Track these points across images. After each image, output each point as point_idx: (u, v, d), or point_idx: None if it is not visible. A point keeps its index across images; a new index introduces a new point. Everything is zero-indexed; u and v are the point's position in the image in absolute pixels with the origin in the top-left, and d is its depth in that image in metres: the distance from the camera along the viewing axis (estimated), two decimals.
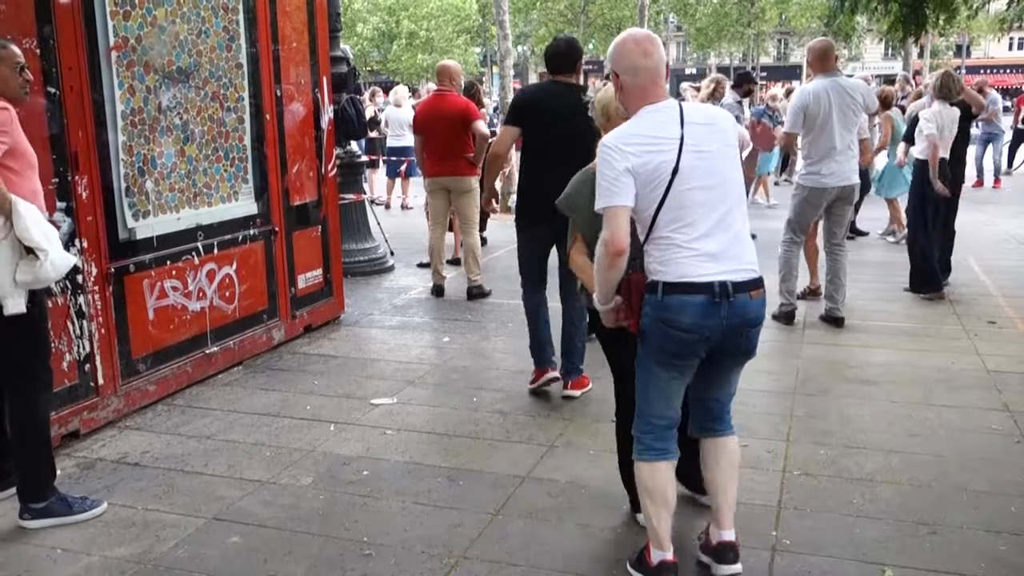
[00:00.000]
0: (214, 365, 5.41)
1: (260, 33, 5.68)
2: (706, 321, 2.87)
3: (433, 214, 7.78)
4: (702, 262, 2.87)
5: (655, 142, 2.88)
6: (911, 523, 3.53)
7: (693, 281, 2.86)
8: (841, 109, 6.18)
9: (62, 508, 3.63)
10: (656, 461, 3.04)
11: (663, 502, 3.03)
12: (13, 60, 3.52)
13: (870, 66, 47.47)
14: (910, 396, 4.99)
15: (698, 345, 2.93)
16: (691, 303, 2.86)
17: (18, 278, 3.43)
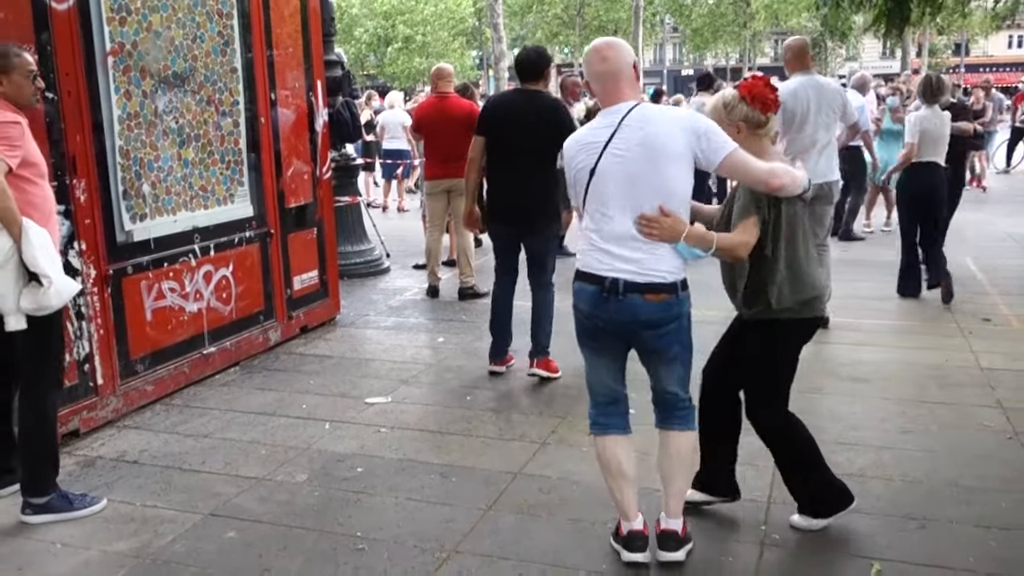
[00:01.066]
0: (211, 365, 5.46)
1: (254, 38, 5.74)
2: (596, 311, 3.11)
3: (431, 216, 7.83)
4: (601, 257, 3.09)
5: (587, 146, 3.14)
6: (900, 518, 3.58)
7: (589, 272, 3.12)
8: (819, 107, 6.15)
9: (63, 504, 3.68)
10: (603, 435, 3.27)
11: (618, 473, 3.23)
12: (26, 68, 3.59)
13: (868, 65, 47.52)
14: (903, 393, 5.03)
15: (596, 332, 3.18)
16: (586, 291, 3.13)
17: (21, 304, 3.49)
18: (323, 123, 6.59)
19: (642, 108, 3.11)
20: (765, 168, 3.08)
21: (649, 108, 3.15)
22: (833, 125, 6.32)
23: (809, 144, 6.17)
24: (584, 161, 3.12)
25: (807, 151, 6.17)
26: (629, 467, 3.24)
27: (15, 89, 3.55)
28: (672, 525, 3.25)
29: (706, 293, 4.42)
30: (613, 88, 3.14)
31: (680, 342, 3.19)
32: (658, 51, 58.22)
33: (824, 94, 6.20)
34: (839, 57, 48.14)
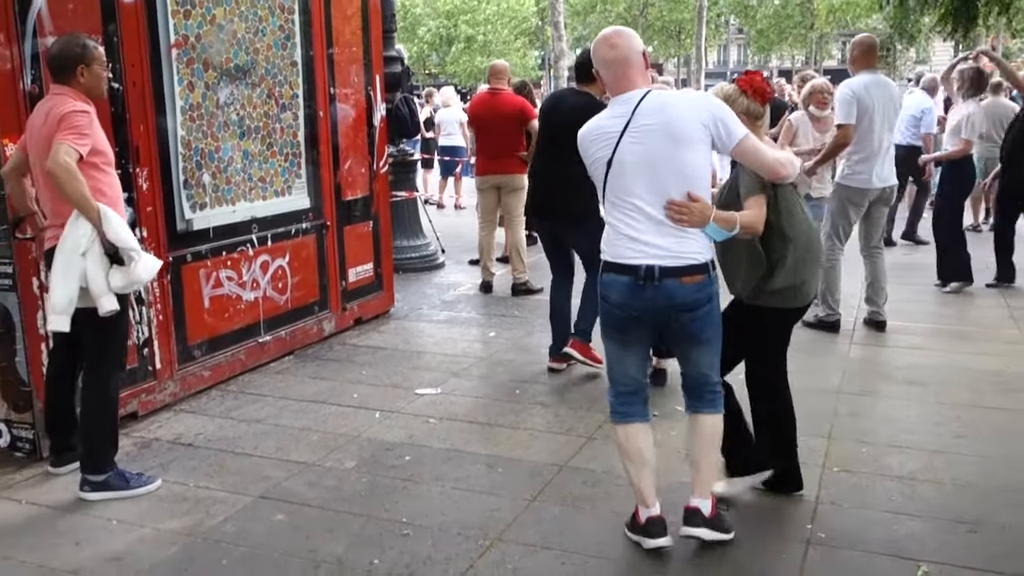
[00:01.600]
0: (266, 353, 5.58)
1: (315, 32, 5.84)
2: (631, 300, 3.12)
3: (482, 212, 7.90)
4: (632, 245, 3.11)
5: (601, 136, 3.16)
6: (950, 521, 3.51)
7: (621, 262, 3.13)
8: (885, 107, 6.05)
9: (119, 483, 3.80)
10: (625, 424, 3.30)
11: (640, 461, 3.28)
12: (103, 59, 3.74)
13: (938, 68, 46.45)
14: (959, 398, 4.93)
15: (629, 322, 3.19)
16: (619, 283, 3.13)
17: (112, 284, 3.63)
18: (381, 118, 6.67)
19: (657, 95, 3.15)
20: (773, 156, 3.23)
21: (665, 94, 3.20)
22: (894, 128, 6.25)
23: (878, 147, 6.05)
24: (600, 152, 3.16)
25: (876, 154, 6.05)
26: (650, 454, 3.31)
27: (95, 80, 3.68)
28: (697, 503, 3.29)
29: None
30: (623, 75, 3.17)
31: (713, 324, 3.24)
32: (722, 52, 57.60)
33: (892, 95, 6.13)
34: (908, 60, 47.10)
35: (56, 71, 3.67)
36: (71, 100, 3.59)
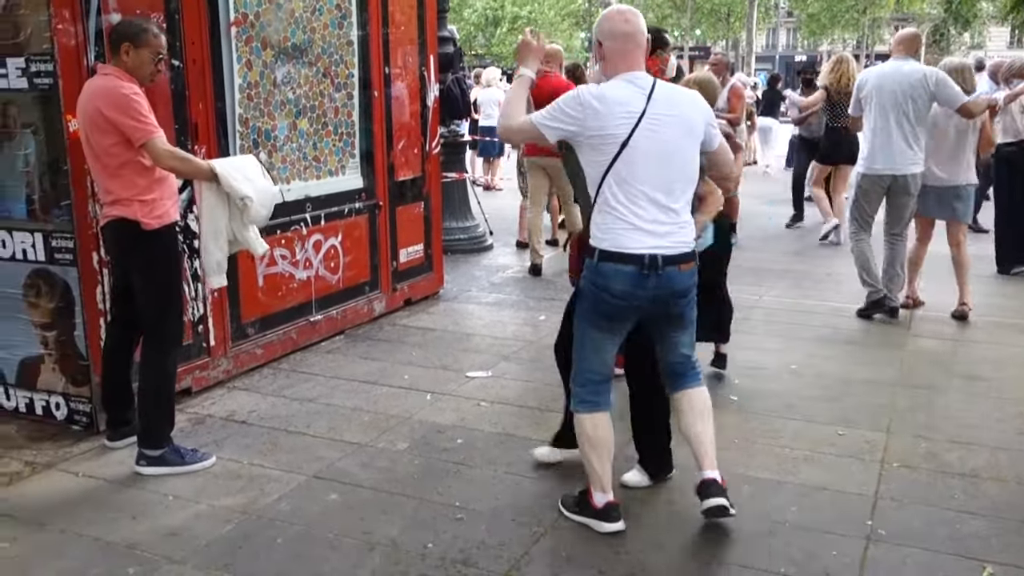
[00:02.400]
0: (318, 332, 5.60)
1: (371, 12, 5.82)
2: (636, 290, 3.12)
3: (531, 193, 7.83)
4: (636, 235, 3.09)
5: (615, 112, 3.08)
6: (1016, 521, 3.42)
7: (625, 252, 3.09)
8: (894, 95, 5.95)
9: (175, 458, 3.84)
10: (593, 413, 3.30)
11: (605, 449, 3.32)
12: (157, 49, 3.73)
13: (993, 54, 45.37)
14: (1021, 393, 4.81)
15: (628, 311, 3.20)
16: (623, 272, 3.10)
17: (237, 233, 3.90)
18: (434, 98, 6.65)
19: (666, 85, 3.23)
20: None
21: (672, 86, 3.29)
22: (918, 115, 5.95)
23: (882, 134, 6.04)
24: (617, 129, 3.08)
25: (881, 142, 6.05)
26: (612, 443, 3.38)
27: (137, 63, 3.67)
28: (712, 475, 3.34)
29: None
30: (635, 51, 3.20)
31: (695, 306, 3.35)
32: (770, 36, 56.76)
33: (909, 82, 5.93)
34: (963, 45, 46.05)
35: (110, 48, 3.72)
36: (114, 79, 3.61)
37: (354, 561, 3.15)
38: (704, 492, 3.31)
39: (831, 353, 5.54)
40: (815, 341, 5.83)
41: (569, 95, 3.17)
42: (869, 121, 6.15)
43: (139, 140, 3.57)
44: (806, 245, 9.14)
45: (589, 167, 3.17)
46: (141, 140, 3.57)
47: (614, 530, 3.31)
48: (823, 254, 8.59)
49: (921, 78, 5.94)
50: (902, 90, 5.96)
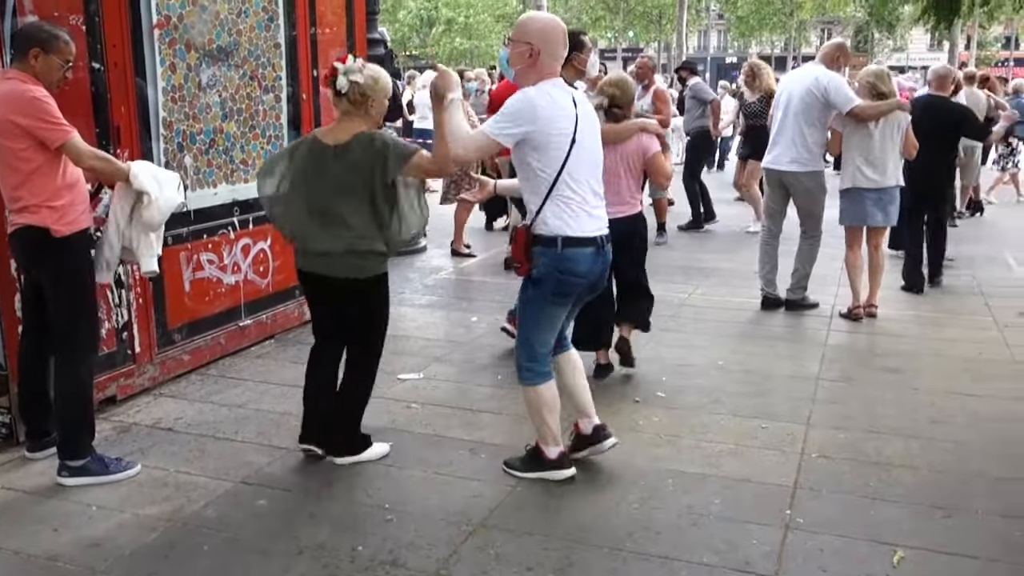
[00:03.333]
0: (247, 337, 5.55)
1: (298, 14, 5.78)
2: (593, 267, 3.54)
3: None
4: (591, 220, 3.52)
5: (561, 113, 3.43)
6: (927, 507, 3.57)
7: (586, 236, 3.49)
8: (790, 96, 6.38)
9: (98, 468, 3.78)
10: (548, 381, 3.69)
11: (557, 407, 3.74)
12: (65, 56, 3.66)
13: (915, 57, 46.74)
14: (934, 385, 5.00)
15: (583, 287, 3.59)
16: (584, 254, 3.50)
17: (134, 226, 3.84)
18: None
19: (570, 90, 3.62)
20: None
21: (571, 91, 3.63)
22: (813, 120, 6.26)
23: (776, 132, 6.53)
24: (564, 128, 3.42)
25: (775, 139, 6.55)
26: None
27: (46, 68, 3.60)
28: (599, 420, 3.91)
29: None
30: (561, 61, 3.55)
31: None
32: (702, 38, 57.62)
33: (806, 86, 6.30)
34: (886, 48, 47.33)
35: (16, 51, 3.65)
36: (21, 84, 3.53)
37: (282, 566, 3.14)
38: (599, 435, 3.87)
39: (757, 349, 5.68)
40: (742, 338, 5.97)
41: (517, 99, 3.41)
42: (775, 121, 6.59)
43: (56, 142, 3.51)
44: (735, 244, 9.33)
45: (540, 164, 3.43)
46: (58, 141, 3.51)
47: (570, 475, 3.74)
48: (751, 253, 8.77)
49: (813, 82, 6.24)
50: (798, 94, 6.32)
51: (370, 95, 3.66)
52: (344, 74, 3.60)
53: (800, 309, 6.57)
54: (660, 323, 5.22)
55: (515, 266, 3.61)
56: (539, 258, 3.49)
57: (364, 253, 3.70)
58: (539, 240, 3.48)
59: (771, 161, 6.56)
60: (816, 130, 6.30)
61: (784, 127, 6.40)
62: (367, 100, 3.67)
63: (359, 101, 3.65)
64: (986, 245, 9.11)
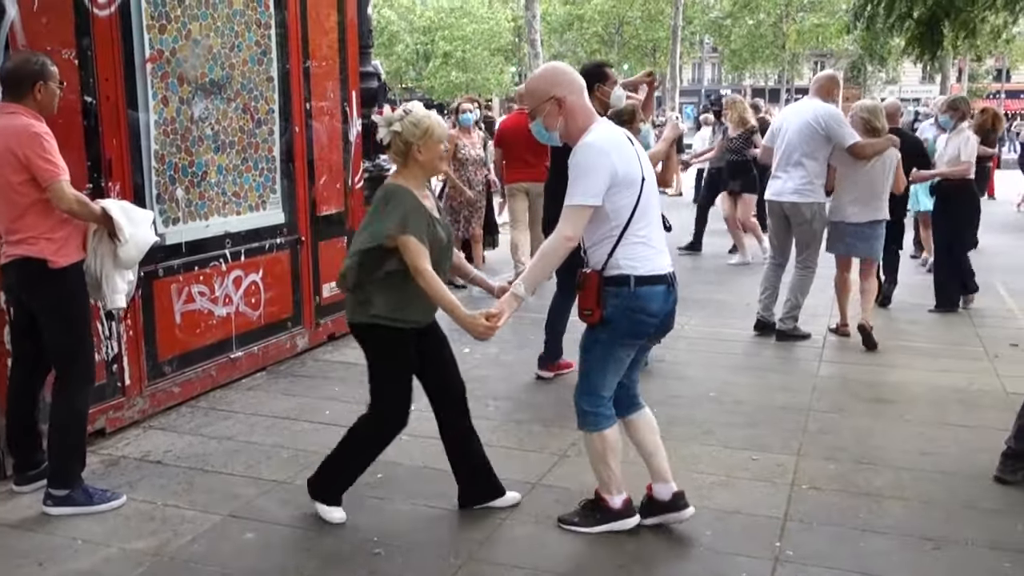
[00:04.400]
0: (238, 369, 5.55)
1: (291, 48, 5.84)
2: (664, 306, 3.41)
3: (514, 213, 8.48)
4: (660, 257, 3.42)
5: (628, 152, 3.34)
6: (916, 538, 3.56)
7: (657, 273, 3.38)
8: (789, 130, 6.52)
9: (83, 498, 3.77)
10: (613, 426, 3.53)
11: (619, 453, 3.56)
12: (59, 79, 3.73)
13: (907, 89, 47.15)
14: (925, 415, 5.00)
15: (653, 328, 3.44)
16: (656, 292, 3.38)
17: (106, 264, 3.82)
18: (357, 133, 6.68)
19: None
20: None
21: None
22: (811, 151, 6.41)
23: (777, 164, 6.66)
24: (634, 171, 3.32)
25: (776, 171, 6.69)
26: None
27: (49, 96, 3.67)
28: (677, 487, 3.62)
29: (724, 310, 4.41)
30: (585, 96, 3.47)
31: None
32: (696, 70, 58.13)
33: (804, 119, 6.45)
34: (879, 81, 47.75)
35: (12, 87, 3.67)
36: (25, 119, 3.59)
37: None
38: (677, 504, 3.59)
39: (749, 380, 5.69)
40: (734, 369, 5.97)
41: (587, 152, 3.26)
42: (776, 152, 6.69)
43: (45, 180, 3.56)
44: (728, 275, 9.36)
45: (614, 207, 3.27)
46: (47, 181, 3.56)
47: (636, 523, 3.59)
48: (743, 284, 8.80)
49: (812, 116, 6.39)
50: (796, 127, 6.47)
51: (413, 142, 3.47)
52: (384, 126, 3.50)
53: (791, 340, 6.60)
54: (653, 354, 5.22)
55: (586, 313, 3.40)
56: (609, 300, 3.34)
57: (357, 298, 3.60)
58: (610, 281, 3.34)
59: (773, 193, 6.68)
60: (816, 163, 6.43)
61: (785, 160, 6.54)
62: (411, 148, 3.47)
63: (402, 151, 3.49)
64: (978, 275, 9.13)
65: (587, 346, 3.48)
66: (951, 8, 11.67)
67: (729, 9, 39.60)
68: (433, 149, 3.52)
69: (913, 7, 11.85)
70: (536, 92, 3.41)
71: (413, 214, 3.43)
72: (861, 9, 12.66)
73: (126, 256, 3.82)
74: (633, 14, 38.58)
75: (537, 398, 5.31)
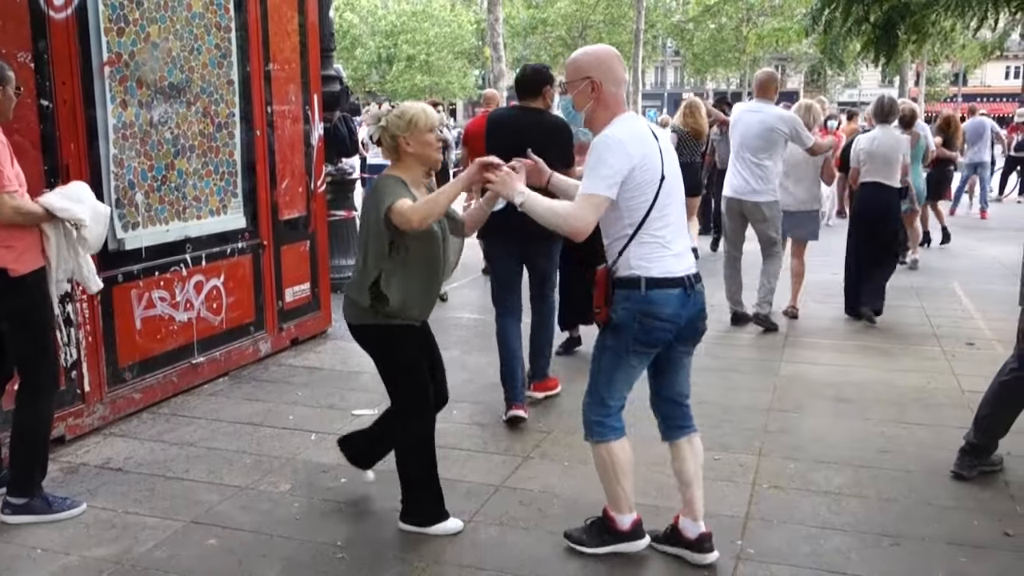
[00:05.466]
0: (200, 375, 5.50)
1: (252, 51, 5.81)
2: (680, 311, 3.21)
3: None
4: (676, 260, 3.22)
5: (649, 148, 3.18)
6: (875, 535, 3.61)
7: (672, 276, 3.20)
8: (757, 133, 6.71)
9: (42, 506, 3.72)
10: (622, 438, 3.36)
11: (631, 470, 3.40)
12: (15, 84, 3.66)
13: (867, 93, 47.82)
14: (884, 414, 5.07)
15: (669, 335, 3.24)
16: (671, 296, 3.19)
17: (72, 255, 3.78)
18: (318, 137, 6.66)
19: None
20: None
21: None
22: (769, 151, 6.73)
23: (731, 162, 6.97)
24: (654, 163, 3.17)
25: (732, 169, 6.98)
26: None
27: (6, 102, 3.60)
28: (707, 527, 3.42)
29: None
30: (623, 91, 3.32)
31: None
32: (659, 74, 58.55)
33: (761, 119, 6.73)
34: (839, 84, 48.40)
35: None
36: None
37: None
38: (702, 545, 3.39)
39: (711, 380, 5.72)
40: (696, 370, 5.90)
41: (604, 144, 3.14)
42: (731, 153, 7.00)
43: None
44: None
45: (629, 203, 3.15)
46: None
47: (646, 545, 3.45)
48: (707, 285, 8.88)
49: (776, 120, 6.72)
50: (756, 130, 6.71)
51: (399, 134, 3.45)
52: (372, 123, 3.49)
53: (767, 324, 6.93)
54: None
55: (595, 311, 3.29)
56: (619, 303, 3.21)
57: (351, 299, 3.55)
58: (620, 283, 3.21)
59: (732, 192, 6.90)
60: (775, 163, 6.77)
61: (742, 160, 6.78)
62: (398, 141, 3.45)
63: (391, 145, 3.47)
64: (934, 276, 9.30)
65: (596, 352, 3.35)
66: (906, 12, 11.88)
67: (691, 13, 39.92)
68: (420, 139, 3.46)
69: (870, 11, 12.03)
70: (577, 67, 3.28)
71: (395, 188, 3.39)
72: (819, 13, 12.82)
73: (92, 236, 3.78)
74: (596, 18, 38.72)
75: (501, 401, 5.31)
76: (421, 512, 3.66)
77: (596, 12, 38.51)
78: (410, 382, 3.61)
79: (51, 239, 3.71)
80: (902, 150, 7.28)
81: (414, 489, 3.67)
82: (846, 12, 12.01)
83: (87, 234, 3.76)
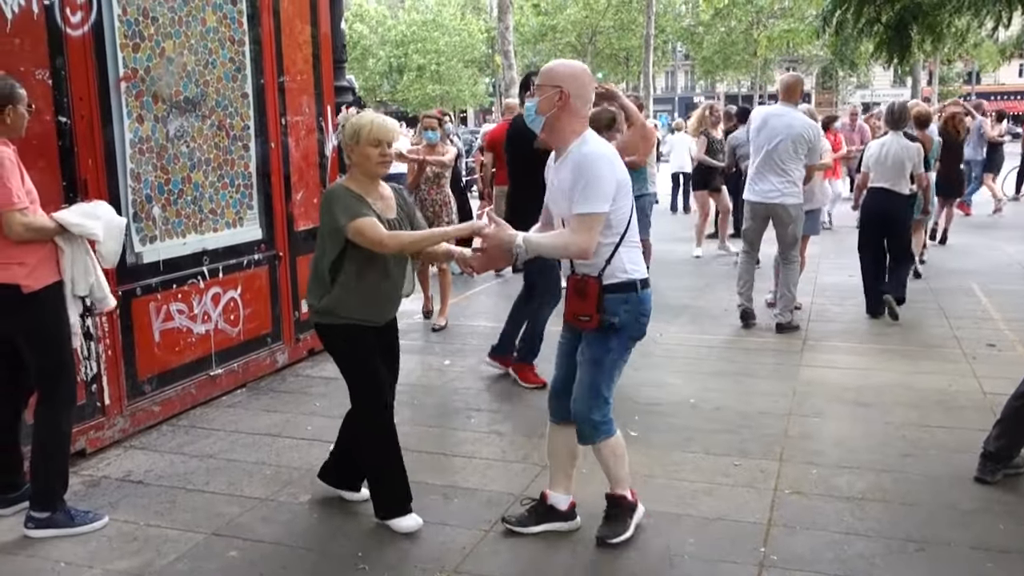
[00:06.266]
0: (218, 387, 5.52)
1: (266, 64, 5.84)
2: (649, 309, 3.50)
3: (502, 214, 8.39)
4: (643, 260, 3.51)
5: (620, 160, 3.39)
6: (900, 540, 3.59)
7: (647, 276, 3.50)
8: (772, 134, 6.78)
9: (64, 520, 3.74)
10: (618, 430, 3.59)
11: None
12: (28, 102, 3.69)
13: (879, 93, 47.66)
14: (905, 417, 5.04)
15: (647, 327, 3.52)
16: (649, 294, 3.49)
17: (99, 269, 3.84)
18: (333, 148, 6.67)
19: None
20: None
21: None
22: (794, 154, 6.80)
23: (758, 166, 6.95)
24: (627, 176, 3.39)
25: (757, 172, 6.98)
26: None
27: (19, 119, 3.62)
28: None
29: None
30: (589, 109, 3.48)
31: None
32: (669, 78, 58.52)
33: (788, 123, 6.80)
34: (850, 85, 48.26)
35: None
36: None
37: None
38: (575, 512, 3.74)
39: (729, 386, 5.71)
40: (714, 375, 6.00)
41: (595, 160, 3.26)
42: (752, 155, 6.97)
43: None
44: (704, 282, 9.40)
45: (616, 215, 3.32)
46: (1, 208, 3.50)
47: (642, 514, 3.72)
48: (721, 291, 8.85)
49: (806, 127, 6.81)
50: (786, 133, 6.75)
51: (344, 146, 3.61)
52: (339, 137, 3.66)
53: (789, 332, 6.96)
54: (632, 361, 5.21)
55: (583, 319, 3.37)
56: (619, 306, 3.36)
57: (310, 303, 3.70)
58: (616, 288, 3.36)
59: (760, 197, 6.94)
60: (800, 167, 6.86)
61: (771, 163, 6.82)
62: (348, 151, 3.60)
63: (344, 154, 3.64)
64: (952, 277, 9.23)
65: (597, 357, 3.42)
66: (919, 12, 11.82)
67: (701, 17, 39.89)
68: (360, 152, 3.54)
69: (881, 12, 11.98)
70: (552, 75, 3.37)
71: (351, 203, 3.50)
72: (830, 14, 12.77)
73: (107, 250, 3.84)
74: (605, 24, 38.73)
75: (518, 409, 5.31)
76: (379, 505, 3.79)
77: (606, 18, 38.52)
78: (363, 380, 3.71)
79: (66, 252, 3.73)
80: (912, 157, 7.25)
81: (372, 482, 3.83)
82: (857, 13, 11.95)
83: (101, 249, 3.81)
